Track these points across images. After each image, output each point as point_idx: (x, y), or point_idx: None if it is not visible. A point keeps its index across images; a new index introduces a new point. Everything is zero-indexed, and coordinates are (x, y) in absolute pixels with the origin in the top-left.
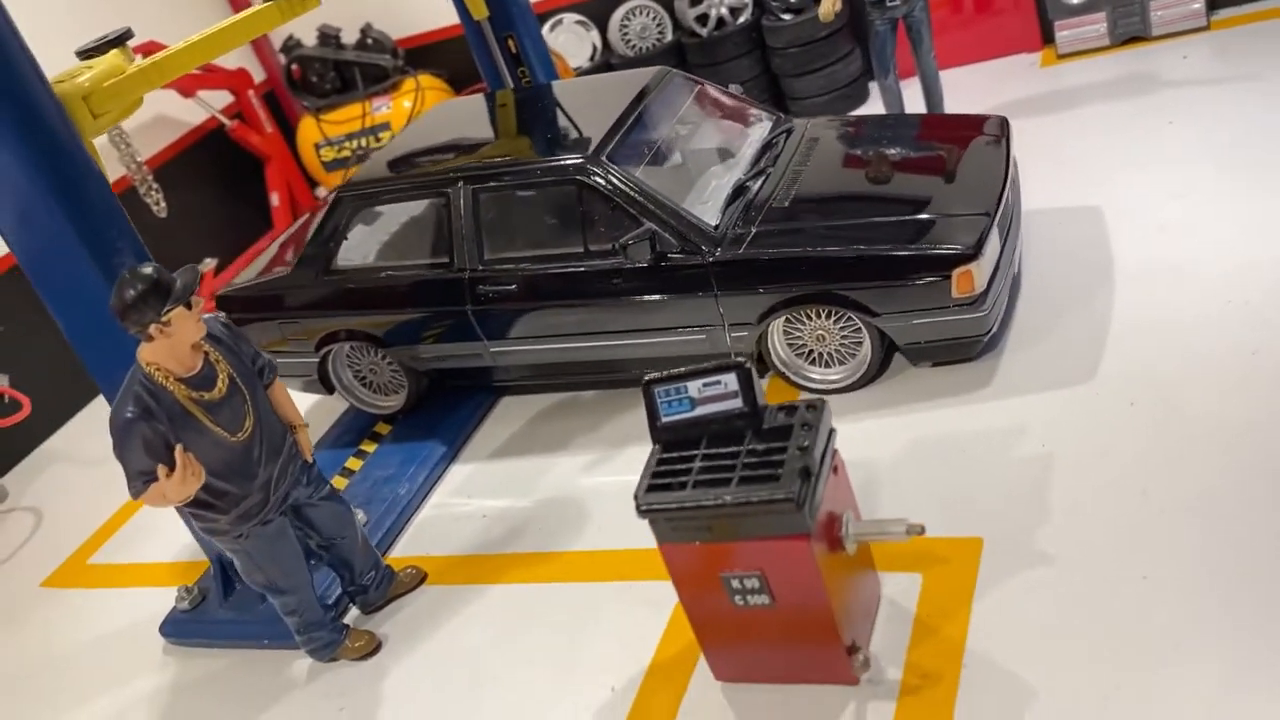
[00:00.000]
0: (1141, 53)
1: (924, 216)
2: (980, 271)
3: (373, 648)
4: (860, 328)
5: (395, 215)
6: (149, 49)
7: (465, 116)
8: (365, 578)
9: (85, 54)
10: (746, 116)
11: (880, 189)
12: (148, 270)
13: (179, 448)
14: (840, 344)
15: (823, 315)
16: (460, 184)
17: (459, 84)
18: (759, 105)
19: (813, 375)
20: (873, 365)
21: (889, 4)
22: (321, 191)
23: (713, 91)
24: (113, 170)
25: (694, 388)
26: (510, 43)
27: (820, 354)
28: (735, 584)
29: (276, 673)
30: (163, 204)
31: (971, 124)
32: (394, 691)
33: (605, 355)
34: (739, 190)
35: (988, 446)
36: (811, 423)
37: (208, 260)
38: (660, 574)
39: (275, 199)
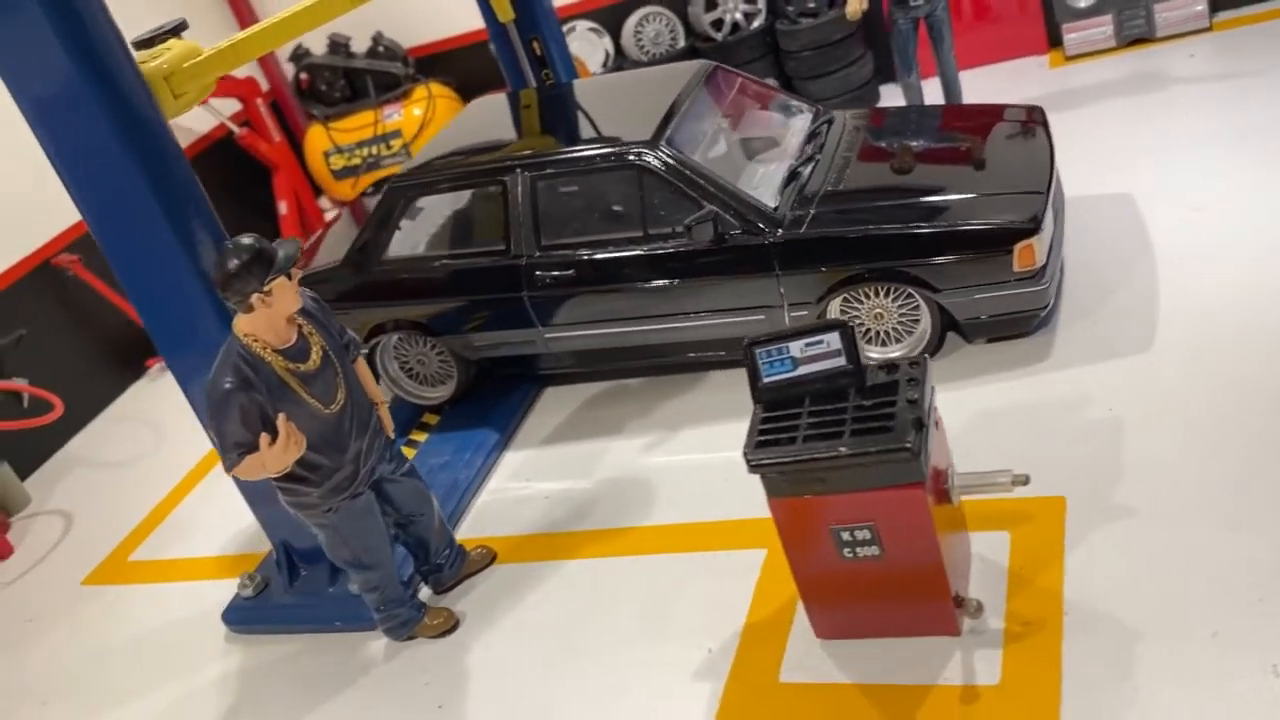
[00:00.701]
0: (1148, 53)
1: (980, 194)
2: (1040, 245)
3: (450, 625)
4: (919, 305)
5: (448, 205)
6: None
7: (507, 111)
8: (440, 556)
9: (142, 44)
10: (787, 107)
11: (932, 171)
12: (250, 241)
13: (282, 416)
14: (898, 322)
15: (881, 293)
16: (518, 171)
17: (466, 92)
18: (798, 97)
19: (871, 355)
20: (931, 342)
21: (912, 3)
22: (326, 203)
23: (753, 83)
24: None
25: (796, 348)
26: (535, 45)
27: (878, 332)
28: (845, 536)
29: (351, 654)
30: None
31: (1007, 112)
32: (479, 666)
33: (662, 339)
34: (791, 175)
35: (1056, 414)
36: (917, 377)
37: None
38: (740, 543)
39: (283, 207)
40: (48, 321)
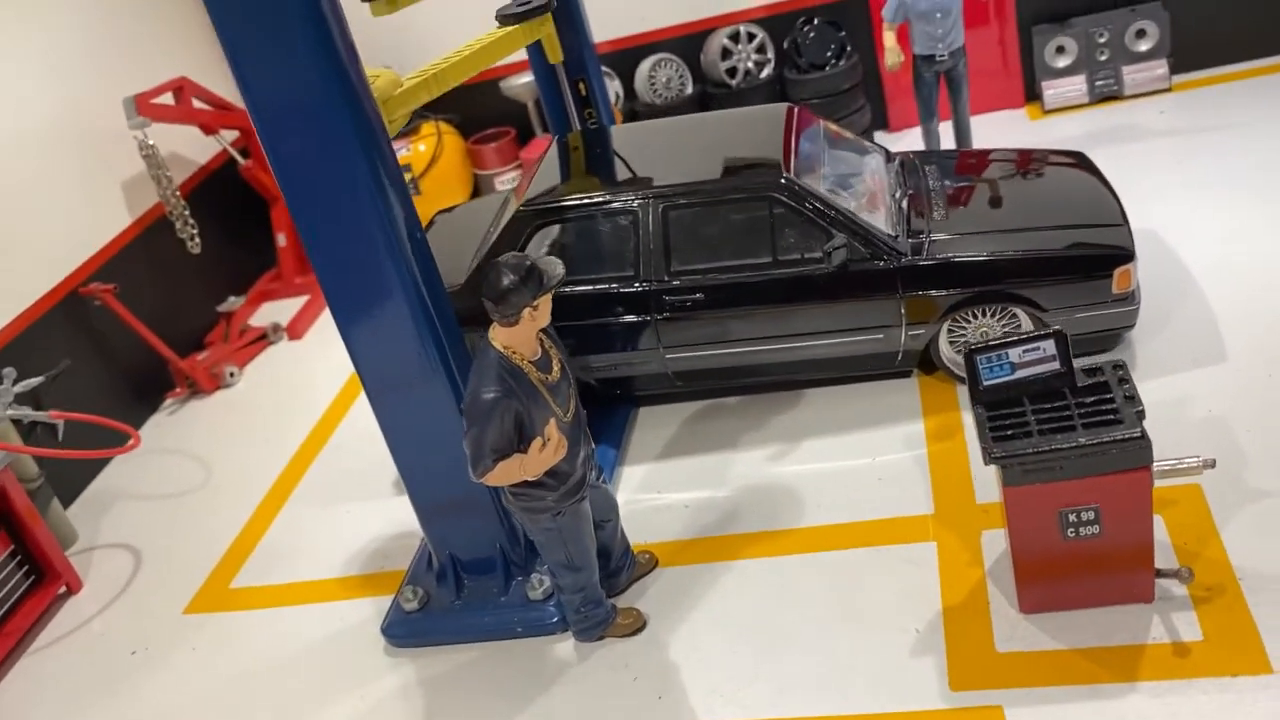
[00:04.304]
0: (1119, 109)
1: (1076, 224)
2: (1135, 270)
3: (640, 624)
4: (1020, 324)
5: (569, 233)
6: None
7: (604, 147)
8: (619, 560)
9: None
10: (862, 146)
11: (1018, 205)
12: (521, 259)
13: (552, 422)
14: None
15: (988, 314)
16: (651, 202)
17: (467, 129)
18: (863, 138)
19: None
20: None
21: (937, 59)
22: None
23: (826, 123)
24: (148, 200)
25: (1015, 354)
26: (581, 86)
27: None
28: (1071, 518)
29: (540, 658)
30: (197, 240)
31: (1057, 155)
32: (685, 659)
33: (783, 358)
34: (896, 208)
35: (1162, 416)
36: (1126, 378)
37: (232, 299)
38: (906, 538)
39: (282, 239)
40: (68, 356)
